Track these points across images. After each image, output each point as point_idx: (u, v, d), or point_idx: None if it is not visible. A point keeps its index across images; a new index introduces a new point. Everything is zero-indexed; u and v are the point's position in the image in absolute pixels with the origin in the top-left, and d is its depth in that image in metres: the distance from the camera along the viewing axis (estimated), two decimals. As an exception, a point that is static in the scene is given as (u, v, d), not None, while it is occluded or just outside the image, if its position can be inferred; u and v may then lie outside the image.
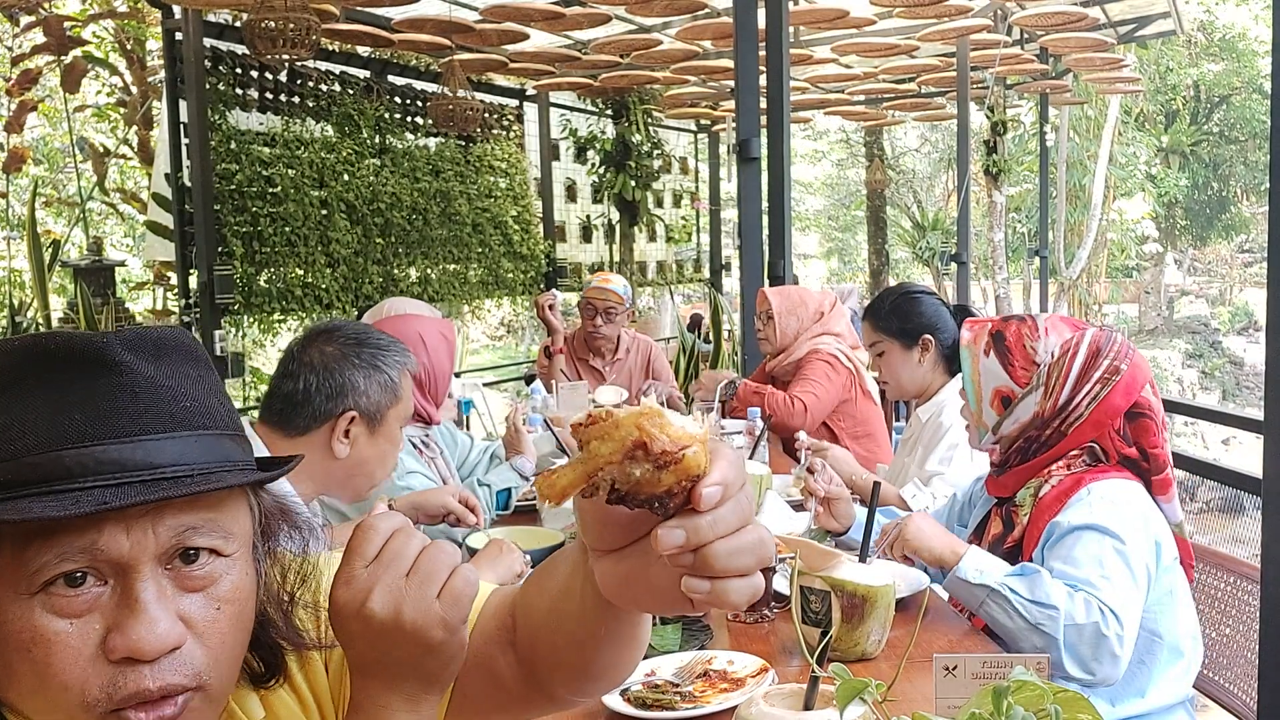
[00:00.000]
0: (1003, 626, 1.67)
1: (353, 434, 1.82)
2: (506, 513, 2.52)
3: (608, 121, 8.24)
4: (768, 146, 4.23)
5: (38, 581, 0.70)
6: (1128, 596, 1.67)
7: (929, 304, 2.80)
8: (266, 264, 5.54)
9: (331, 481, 1.85)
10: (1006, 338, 1.93)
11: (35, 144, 11.20)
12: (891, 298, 2.86)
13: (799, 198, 24.50)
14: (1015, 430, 1.91)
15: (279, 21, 4.18)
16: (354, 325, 1.96)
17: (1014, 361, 1.90)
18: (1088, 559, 1.70)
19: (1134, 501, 1.79)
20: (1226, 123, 23.18)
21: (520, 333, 21.33)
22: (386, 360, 1.87)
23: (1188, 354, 19.86)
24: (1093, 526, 1.73)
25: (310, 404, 1.80)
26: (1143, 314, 22.55)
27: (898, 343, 2.78)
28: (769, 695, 1.19)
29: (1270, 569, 1.49)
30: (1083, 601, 1.64)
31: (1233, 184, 23.80)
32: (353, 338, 1.88)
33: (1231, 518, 6.96)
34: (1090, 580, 1.67)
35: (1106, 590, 1.65)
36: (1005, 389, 1.91)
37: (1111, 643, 1.62)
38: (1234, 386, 19.69)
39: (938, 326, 2.76)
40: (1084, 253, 14.80)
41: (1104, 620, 1.62)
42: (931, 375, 2.78)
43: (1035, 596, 1.64)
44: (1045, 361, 1.88)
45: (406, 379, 1.93)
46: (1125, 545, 1.71)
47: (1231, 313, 23.42)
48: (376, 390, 1.84)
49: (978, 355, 1.96)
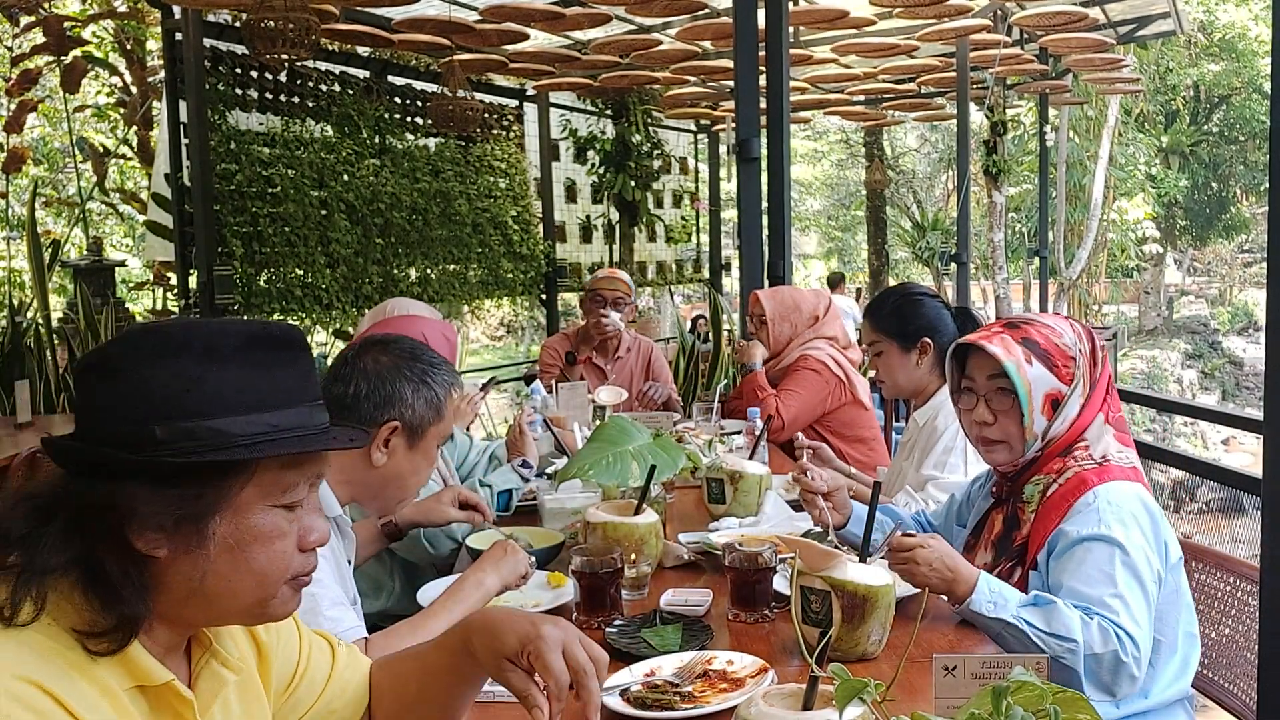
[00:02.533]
0: (1023, 651, 1.66)
1: (392, 444, 1.81)
2: (507, 514, 2.52)
3: (607, 122, 8.24)
4: (767, 146, 4.23)
5: (287, 497, 1.03)
6: (1141, 614, 1.67)
7: (930, 306, 2.79)
8: (266, 264, 5.54)
9: (365, 490, 1.84)
10: (1039, 342, 1.89)
11: (35, 144, 11.20)
12: (893, 299, 2.85)
13: (799, 198, 24.49)
14: (1065, 428, 1.88)
15: (278, 21, 4.18)
16: (410, 340, 1.97)
17: (1056, 361, 1.88)
18: (1099, 576, 1.69)
19: (1140, 504, 1.78)
20: (1226, 123, 23.17)
21: (520, 333, 21.33)
22: (436, 378, 1.88)
23: (1187, 354, 19.86)
24: (1100, 538, 1.72)
25: (358, 409, 1.80)
26: (1142, 314, 22.55)
27: (896, 344, 2.77)
28: (769, 695, 1.19)
29: (1270, 569, 1.49)
30: (1098, 630, 1.63)
31: (1232, 184, 23.79)
32: (408, 351, 1.90)
33: (1231, 518, 6.95)
34: (1104, 601, 1.66)
35: (1123, 614, 1.64)
36: (1054, 392, 1.87)
37: (1130, 667, 1.62)
38: (1234, 386, 19.69)
39: (937, 329, 2.75)
40: (1084, 253, 14.80)
41: (1122, 648, 1.62)
42: (929, 377, 2.77)
43: (1053, 629, 1.63)
44: (1076, 354, 1.89)
45: (452, 401, 1.94)
46: (1133, 556, 1.70)
47: (1231, 313, 23.42)
48: (423, 405, 1.85)
49: (1021, 365, 1.86)
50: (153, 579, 0.98)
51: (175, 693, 1.01)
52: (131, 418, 0.96)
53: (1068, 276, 14.77)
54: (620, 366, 4.23)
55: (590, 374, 4.14)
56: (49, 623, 0.93)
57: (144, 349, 0.99)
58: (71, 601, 0.95)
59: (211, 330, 1.01)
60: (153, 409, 0.96)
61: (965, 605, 1.67)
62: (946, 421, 2.64)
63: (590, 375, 4.13)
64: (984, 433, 1.94)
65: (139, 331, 1.02)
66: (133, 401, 0.97)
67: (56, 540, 0.95)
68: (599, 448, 2.17)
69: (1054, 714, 0.95)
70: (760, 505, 2.46)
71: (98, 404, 0.99)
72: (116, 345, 1.01)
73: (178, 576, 0.99)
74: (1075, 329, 1.93)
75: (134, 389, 0.97)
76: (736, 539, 1.98)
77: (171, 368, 0.98)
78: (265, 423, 1.00)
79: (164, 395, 0.97)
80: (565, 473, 2.18)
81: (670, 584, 1.99)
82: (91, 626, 0.94)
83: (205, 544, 0.99)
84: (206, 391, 0.98)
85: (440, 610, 1.73)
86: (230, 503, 0.99)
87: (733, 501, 2.46)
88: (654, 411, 3.96)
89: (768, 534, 2.17)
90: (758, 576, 1.80)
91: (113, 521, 0.96)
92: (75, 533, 0.95)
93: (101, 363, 0.99)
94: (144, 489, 0.95)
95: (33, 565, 0.94)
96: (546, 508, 2.38)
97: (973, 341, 1.92)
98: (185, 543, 0.98)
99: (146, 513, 0.96)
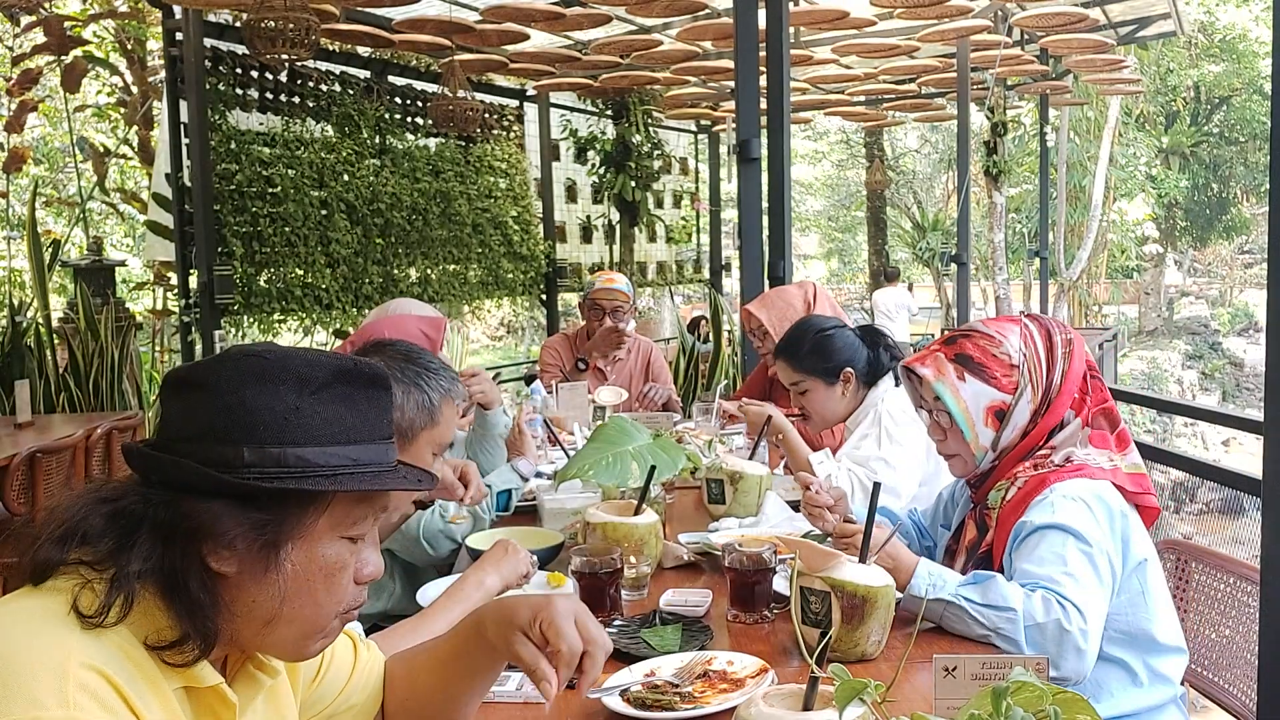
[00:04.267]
0: (970, 635, 1.66)
1: None
2: (507, 513, 2.52)
3: (608, 122, 8.24)
4: (768, 147, 4.23)
5: (355, 529, 1.05)
6: (1091, 593, 1.65)
7: (842, 337, 2.86)
8: (266, 264, 5.54)
9: None
10: (973, 356, 1.89)
11: (36, 144, 11.21)
12: (809, 338, 2.88)
13: (799, 198, 24.50)
14: (1016, 436, 1.89)
15: (279, 21, 4.19)
16: (408, 344, 1.96)
17: (994, 373, 1.88)
18: (1051, 556, 1.69)
19: (1099, 499, 1.77)
20: (1227, 124, 23.18)
21: (520, 333, 21.33)
22: (430, 382, 1.86)
23: (1188, 355, 19.87)
24: (1055, 526, 1.72)
25: None
26: (1143, 315, 22.56)
27: (821, 381, 2.83)
28: (768, 696, 1.19)
29: (1270, 570, 1.49)
30: (1041, 599, 1.63)
31: (1233, 185, 23.81)
32: (401, 354, 1.89)
33: (1231, 519, 6.96)
34: (1051, 577, 1.66)
35: (1069, 586, 1.64)
36: (997, 403, 1.88)
37: (1075, 638, 1.60)
38: (1234, 387, 19.70)
39: (854, 358, 2.83)
40: (1084, 254, 14.80)
41: (1065, 616, 1.61)
42: (853, 400, 2.86)
43: (989, 600, 1.64)
44: (1020, 361, 1.88)
45: (450, 407, 1.90)
46: (1089, 545, 1.70)
47: (1231, 314, 23.44)
48: (413, 408, 1.83)
49: (954, 384, 1.89)
50: (219, 592, 1.00)
51: (221, 696, 1.02)
52: (226, 438, 0.98)
53: (1068, 277, 14.77)
54: (620, 367, 4.23)
55: (591, 375, 4.14)
56: (124, 627, 0.95)
57: (244, 372, 1.01)
58: (149, 610, 0.97)
59: (307, 361, 1.04)
60: (246, 432, 0.99)
61: (906, 593, 1.69)
62: (884, 407, 2.76)
63: (591, 376, 4.13)
64: (939, 447, 2.00)
65: (238, 354, 1.04)
66: (227, 422, 0.99)
67: (143, 548, 0.97)
68: (599, 448, 2.17)
69: (1054, 715, 0.95)
70: (760, 506, 2.47)
71: (191, 419, 1.01)
72: (215, 365, 1.03)
73: (242, 596, 1.01)
74: (1027, 332, 1.91)
75: (230, 410, 0.99)
76: (736, 540, 1.98)
77: (268, 394, 1.00)
78: (347, 456, 1.03)
79: (259, 420, 0.99)
80: (565, 473, 2.18)
81: (670, 584, 1.99)
82: (167, 637, 0.97)
83: (275, 568, 1.01)
84: (298, 420, 1.00)
85: (441, 610, 1.72)
86: (304, 531, 1.02)
87: (733, 502, 2.46)
88: (654, 412, 3.96)
89: (768, 534, 2.17)
90: (757, 577, 1.80)
91: (193, 536, 0.98)
92: (159, 542, 0.97)
93: (199, 380, 1.01)
94: (227, 508, 0.98)
95: (125, 571, 0.95)
96: (546, 508, 2.38)
97: (908, 365, 1.98)
98: (256, 565, 1.00)
99: (225, 531, 0.98)
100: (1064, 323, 1.99)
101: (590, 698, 1.44)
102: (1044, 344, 1.90)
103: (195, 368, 1.04)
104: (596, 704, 1.43)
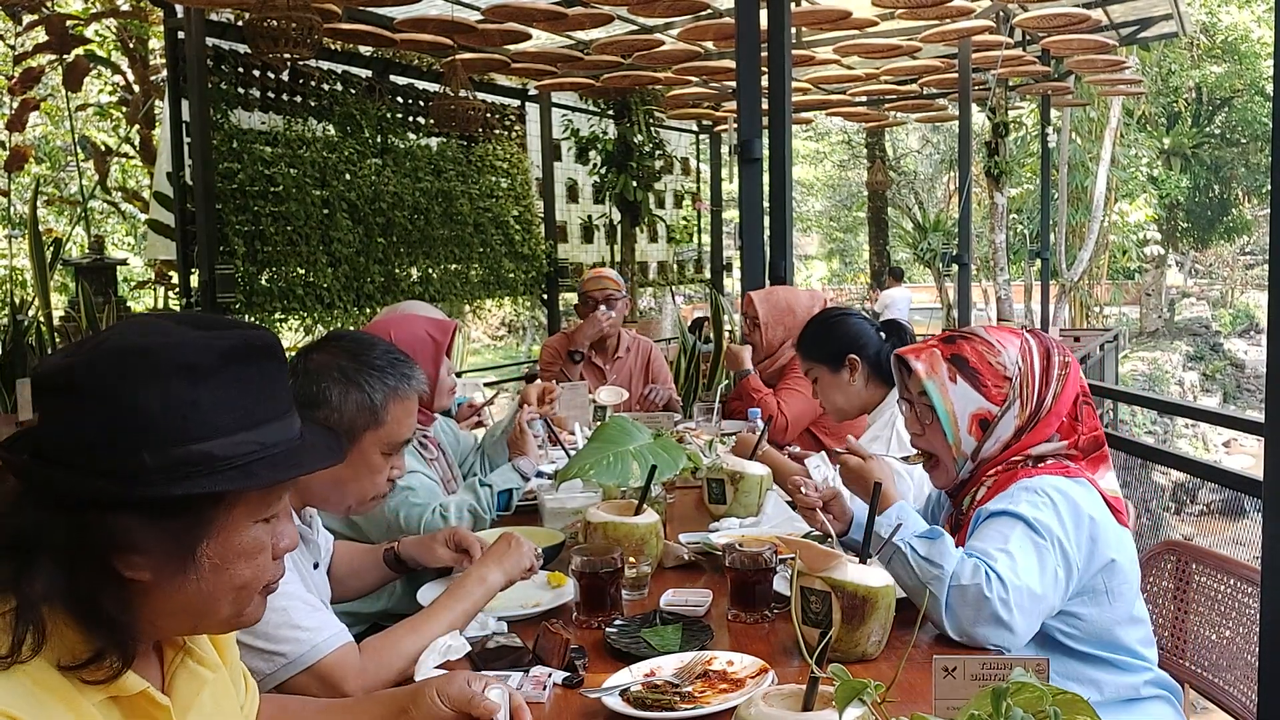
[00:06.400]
0: (903, 583, 1.68)
1: None
2: (508, 513, 2.52)
3: (609, 122, 8.24)
4: (769, 147, 4.23)
5: (269, 510, 1.03)
6: (1027, 574, 1.65)
7: (848, 324, 2.86)
8: (268, 263, 5.54)
9: (307, 493, 1.74)
10: (969, 359, 1.87)
11: (37, 142, 11.22)
12: (813, 325, 2.92)
13: (800, 198, 24.50)
14: (997, 449, 1.86)
15: (281, 21, 4.19)
16: (358, 338, 1.86)
17: (985, 381, 1.85)
18: (995, 535, 1.71)
19: (1063, 494, 1.76)
20: (1228, 125, 23.18)
21: (521, 333, 21.34)
22: (371, 382, 1.75)
23: (1189, 356, 19.86)
24: (1009, 513, 1.73)
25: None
26: (1144, 316, 22.54)
27: (826, 367, 2.84)
28: (768, 696, 1.19)
29: (1270, 571, 1.49)
30: (971, 565, 1.64)
31: (1234, 186, 23.80)
32: (347, 350, 1.78)
33: (1232, 520, 6.96)
34: (987, 551, 1.67)
35: (1001, 561, 1.65)
36: (983, 412, 1.85)
37: (994, 605, 1.60)
38: (1235, 389, 19.69)
39: (860, 344, 2.81)
40: (1085, 254, 14.80)
41: (988, 584, 1.61)
42: (867, 392, 2.82)
43: (929, 555, 1.66)
44: (1014, 374, 1.85)
45: (397, 405, 1.77)
46: (1041, 536, 1.69)
47: (1233, 315, 23.43)
48: (352, 408, 1.73)
49: (944, 384, 1.87)
50: (134, 599, 0.96)
51: (150, 700, 0.98)
52: (122, 445, 0.91)
53: (1069, 278, 14.77)
54: (620, 366, 4.23)
55: (590, 374, 4.14)
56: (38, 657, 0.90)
57: (127, 371, 0.93)
58: (60, 632, 0.92)
59: (194, 346, 0.95)
60: (143, 436, 0.92)
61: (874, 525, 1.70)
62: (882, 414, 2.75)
63: (590, 375, 4.13)
64: (915, 441, 1.98)
65: (114, 350, 0.94)
66: (121, 428, 0.91)
67: (46, 571, 0.90)
68: (599, 448, 2.17)
69: (1054, 715, 0.95)
70: (761, 506, 2.47)
71: (77, 425, 0.93)
72: (93, 363, 0.93)
73: (160, 597, 0.98)
74: (1026, 346, 1.88)
75: (121, 415, 0.92)
76: (737, 539, 1.98)
77: (158, 391, 0.93)
78: (253, 441, 0.97)
79: (153, 421, 0.92)
80: (566, 473, 2.18)
81: (670, 584, 1.99)
82: (82, 655, 0.91)
83: (193, 567, 0.97)
84: (195, 414, 0.94)
85: (442, 609, 1.69)
86: (219, 526, 0.98)
87: (733, 502, 2.47)
88: (654, 413, 3.96)
89: (768, 534, 2.17)
90: (758, 577, 1.80)
91: (101, 551, 0.93)
92: (63, 563, 0.91)
93: (79, 384, 0.93)
94: (135, 519, 0.92)
95: (28, 600, 0.89)
96: (547, 508, 2.38)
97: (902, 354, 1.95)
98: (173, 567, 0.96)
99: (136, 542, 0.93)
100: (1065, 348, 1.94)
101: (590, 698, 1.44)
102: (1041, 362, 1.87)
103: (69, 369, 0.94)
104: (596, 704, 1.43)
